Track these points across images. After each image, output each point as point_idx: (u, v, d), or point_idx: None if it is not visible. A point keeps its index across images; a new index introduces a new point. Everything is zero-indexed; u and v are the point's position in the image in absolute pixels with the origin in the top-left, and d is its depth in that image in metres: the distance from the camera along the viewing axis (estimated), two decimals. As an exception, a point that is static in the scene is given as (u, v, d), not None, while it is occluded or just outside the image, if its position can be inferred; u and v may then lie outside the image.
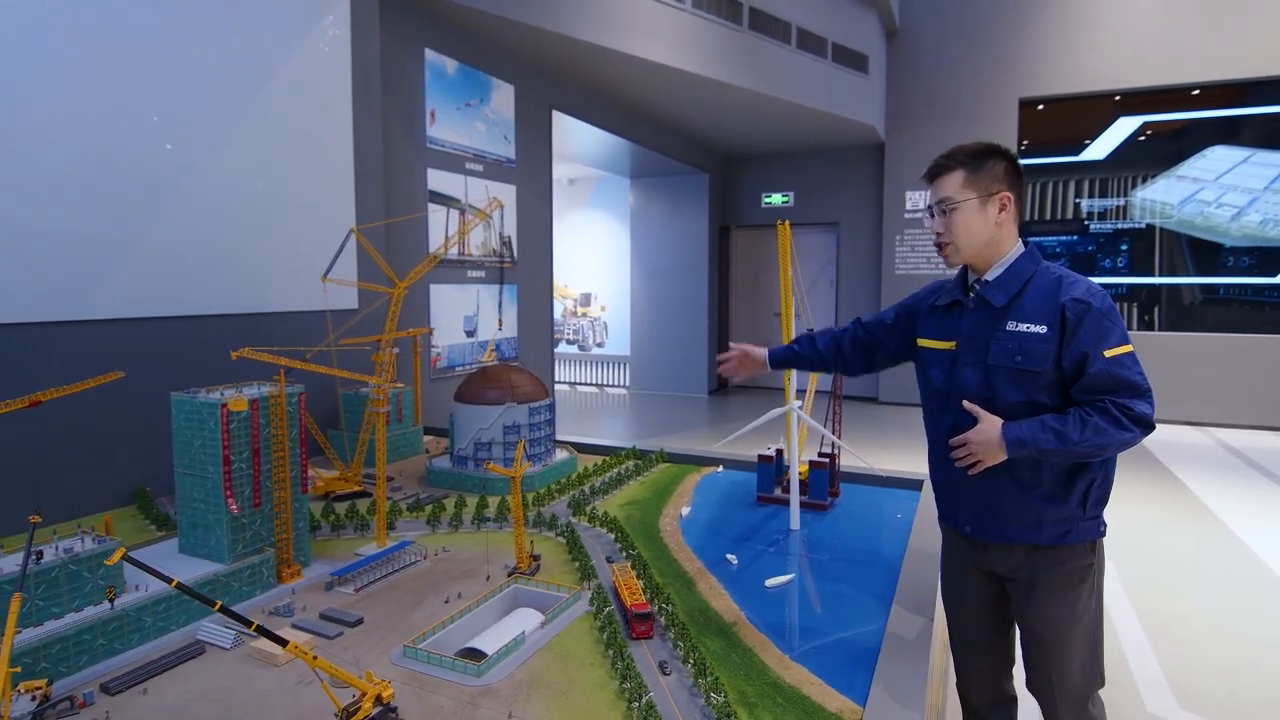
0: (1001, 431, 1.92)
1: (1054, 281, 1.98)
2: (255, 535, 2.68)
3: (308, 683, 2.06)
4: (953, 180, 2.07)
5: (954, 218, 2.06)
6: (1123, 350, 1.88)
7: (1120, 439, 1.84)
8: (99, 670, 2.14)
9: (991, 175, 2.04)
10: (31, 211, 3.33)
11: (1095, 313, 1.89)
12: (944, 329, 2.17)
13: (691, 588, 2.64)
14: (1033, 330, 1.95)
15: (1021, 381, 1.96)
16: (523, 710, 1.89)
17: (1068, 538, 1.99)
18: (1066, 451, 1.85)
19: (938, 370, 2.17)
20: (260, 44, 4.32)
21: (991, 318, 2.04)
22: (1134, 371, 1.87)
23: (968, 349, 2.08)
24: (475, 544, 3.14)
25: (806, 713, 1.86)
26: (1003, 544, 2.06)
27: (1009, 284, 2.03)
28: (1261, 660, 3.74)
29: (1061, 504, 1.99)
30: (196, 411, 2.61)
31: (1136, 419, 1.84)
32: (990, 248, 2.07)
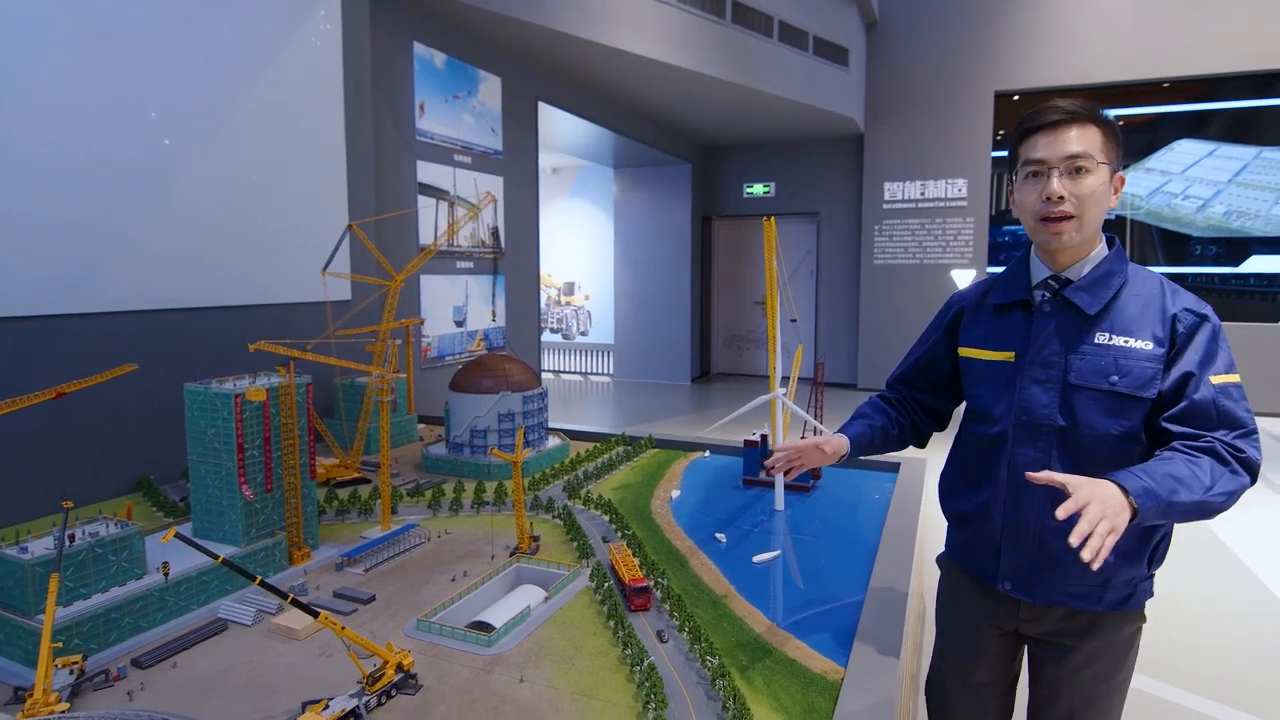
0: (1122, 484, 1.43)
1: (1158, 288, 1.67)
2: (267, 519, 2.80)
3: (329, 654, 2.20)
4: (1091, 135, 1.62)
5: (1089, 182, 1.61)
6: (1231, 380, 1.57)
7: (1240, 488, 1.49)
8: (127, 646, 2.26)
9: (1119, 145, 1.68)
10: (34, 207, 3.40)
11: (1209, 329, 1.59)
12: (999, 335, 1.79)
13: (684, 564, 2.81)
14: (1135, 346, 1.60)
15: (1117, 409, 1.61)
16: (533, 674, 2.05)
17: (1129, 603, 1.72)
18: (1199, 506, 1.46)
19: (989, 388, 1.79)
20: (254, 39, 4.38)
21: (1076, 326, 1.67)
22: (1241, 407, 1.56)
23: (1038, 362, 1.70)
24: (476, 527, 3.28)
25: (793, 673, 2.04)
26: (1051, 607, 1.76)
27: (1101, 287, 1.67)
28: (1216, 631, 3.99)
29: (1133, 562, 1.69)
30: (210, 402, 2.72)
31: (1248, 464, 1.51)
32: (1094, 237, 1.70)
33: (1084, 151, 1.60)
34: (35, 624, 2.14)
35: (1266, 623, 4.11)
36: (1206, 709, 3.31)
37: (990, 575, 1.81)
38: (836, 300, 12.30)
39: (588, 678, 2.04)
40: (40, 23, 3.39)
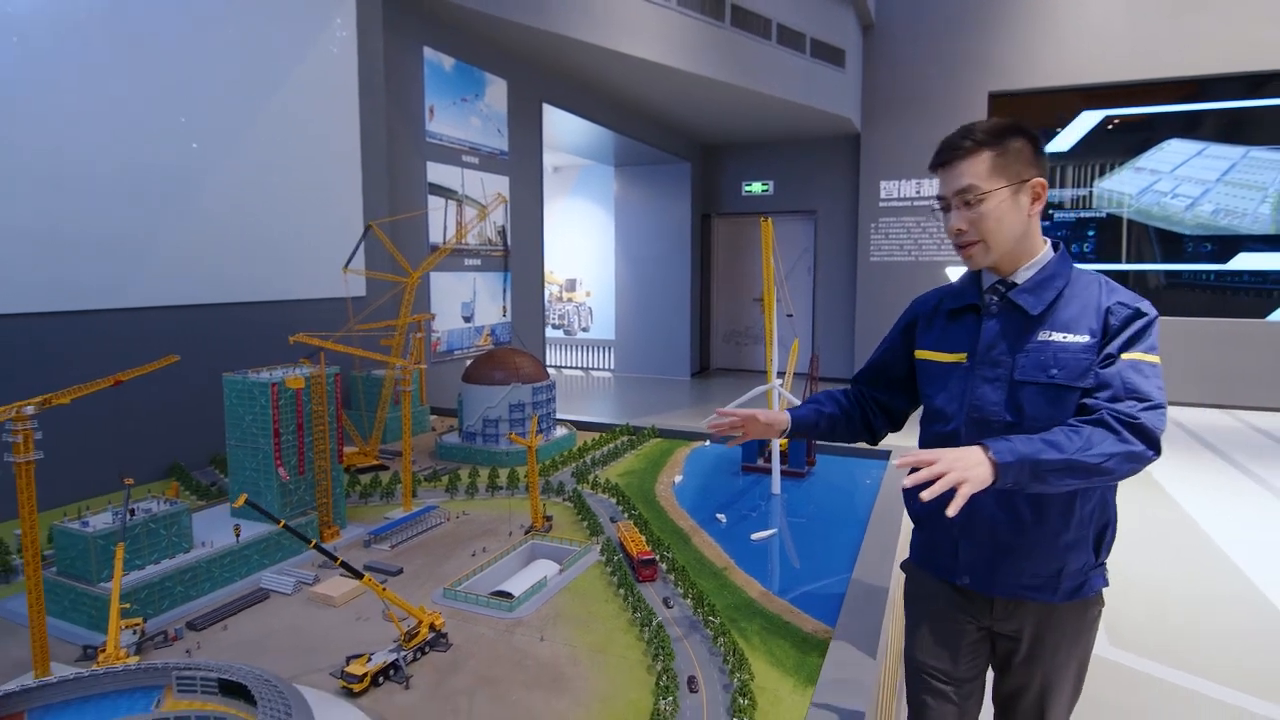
0: (987, 444, 1.56)
1: (1096, 287, 1.76)
2: (300, 500, 3.02)
3: (365, 619, 2.41)
4: (977, 164, 1.73)
5: (983, 210, 1.73)
6: (1147, 358, 1.64)
7: (1124, 450, 1.55)
8: (179, 613, 2.48)
9: (1020, 157, 1.74)
10: (72, 209, 3.61)
11: (1142, 320, 1.68)
12: (951, 338, 1.88)
13: (687, 541, 3.03)
14: (1072, 340, 1.70)
15: (1057, 399, 1.70)
16: (551, 635, 2.27)
17: (1083, 591, 1.80)
18: (1068, 465, 1.53)
19: (942, 388, 1.87)
20: (276, 47, 4.59)
21: (1021, 327, 1.77)
22: (1151, 382, 1.62)
23: (986, 362, 1.79)
24: (490, 509, 3.50)
25: (787, 633, 2.26)
26: (1009, 599, 1.83)
27: (1045, 288, 1.76)
28: (1186, 609, 4.22)
29: (1081, 550, 1.78)
30: (248, 390, 2.93)
31: (1140, 430, 1.56)
32: (1023, 245, 1.78)
33: (970, 184, 1.72)
34: (98, 590, 2.36)
35: (1241, 605, 4.33)
36: (1188, 683, 3.53)
37: (950, 571, 1.88)
38: (833, 297, 12.51)
39: (601, 637, 2.26)
40: (77, 35, 3.60)
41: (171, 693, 1.88)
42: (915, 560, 1.99)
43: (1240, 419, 9.50)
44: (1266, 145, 9.74)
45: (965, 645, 1.93)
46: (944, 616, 1.95)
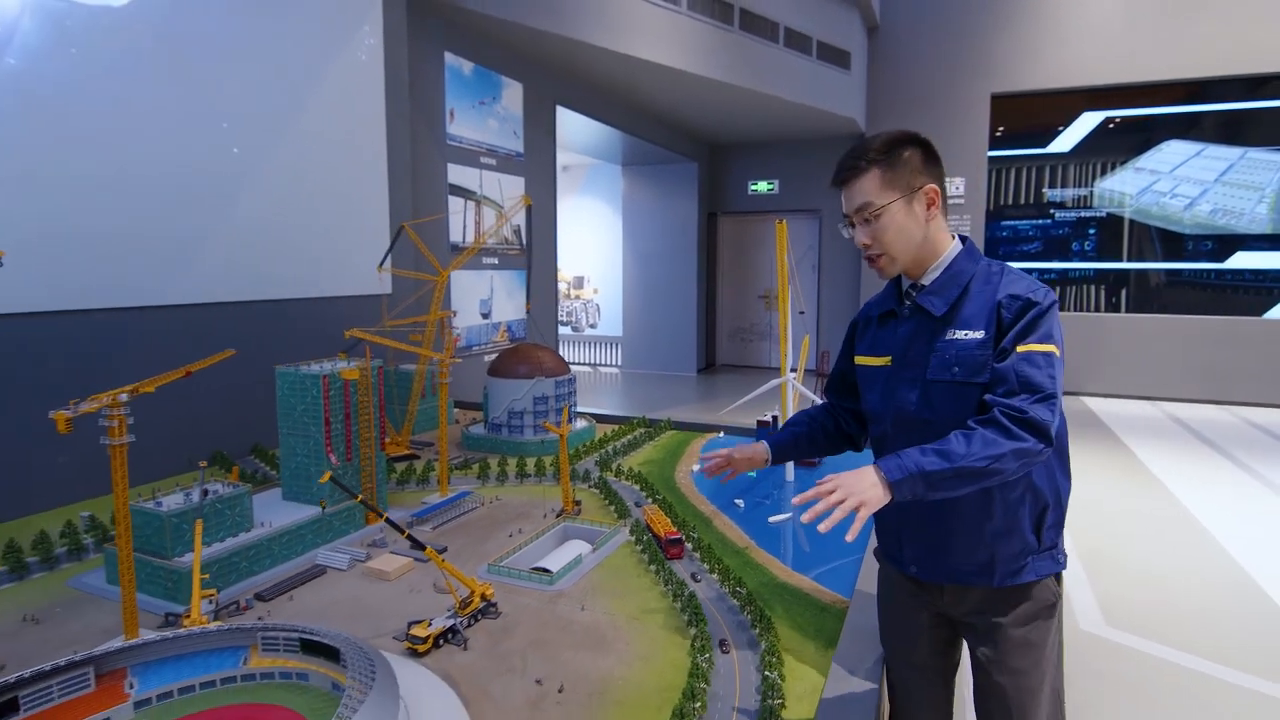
0: (879, 465, 1.63)
1: (996, 281, 1.77)
2: (348, 483, 3.22)
3: (416, 591, 2.62)
4: (869, 182, 1.79)
5: (880, 224, 1.79)
6: (1040, 348, 1.67)
7: (1011, 449, 1.58)
8: (243, 586, 2.69)
9: (910, 168, 1.79)
10: (127, 211, 3.81)
11: (1035, 310, 1.69)
12: (879, 343, 1.94)
13: (709, 524, 3.24)
14: (970, 337, 1.74)
15: (961, 396, 1.74)
16: (591, 605, 2.48)
17: (1024, 575, 1.80)
18: (958, 471, 1.58)
19: (872, 390, 1.94)
20: (309, 55, 4.79)
21: (930, 328, 1.81)
22: (1043, 373, 1.65)
23: (904, 364, 1.84)
24: (520, 494, 3.71)
25: (807, 603, 2.46)
26: (955, 586, 1.87)
27: (948, 289, 1.80)
28: (1178, 590, 4.42)
29: (1012, 537, 1.79)
30: (300, 381, 3.14)
31: (1028, 423, 1.60)
32: (925, 249, 1.83)
33: (865, 202, 1.78)
34: (174, 564, 2.57)
35: (1231, 589, 4.52)
36: (1180, 659, 3.73)
37: (900, 561, 1.93)
38: (837, 294, 12.70)
39: (637, 607, 2.47)
40: (130, 48, 3.80)
41: (257, 651, 2.09)
42: (879, 550, 2.06)
43: (1237, 414, 9.69)
44: (1264, 146, 9.91)
45: (922, 630, 1.96)
46: (902, 604, 2.00)
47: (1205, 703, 3.37)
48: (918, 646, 1.97)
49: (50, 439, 3.50)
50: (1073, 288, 11.11)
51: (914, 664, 1.99)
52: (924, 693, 1.99)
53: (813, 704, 1.87)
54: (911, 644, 1.99)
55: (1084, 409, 10.13)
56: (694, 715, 1.82)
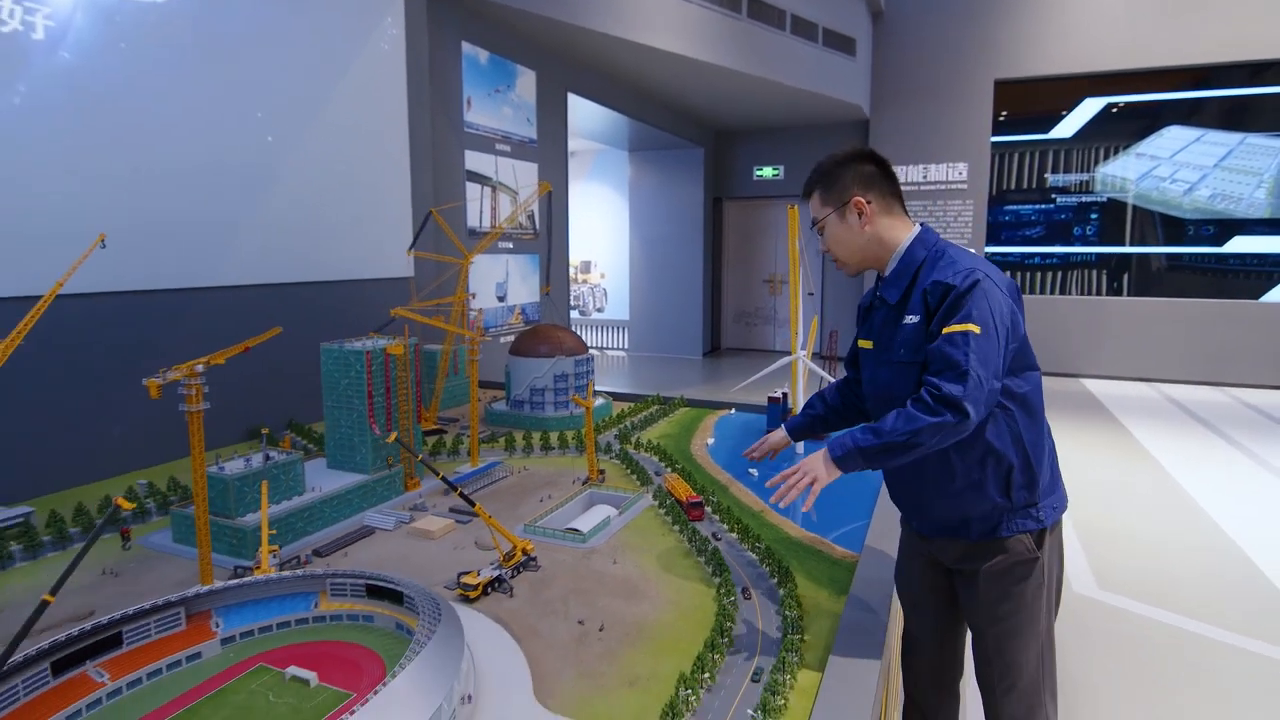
0: (826, 445, 1.90)
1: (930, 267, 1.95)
2: (387, 454, 3.45)
3: (460, 548, 2.85)
4: (814, 201, 2.11)
5: (826, 235, 2.09)
6: (961, 328, 1.80)
7: (928, 424, 1.75)
8: (299, 544, 2.91)
9: (840, 185, 2.04)
10: (170, 197, 4.01)
11: (952, 293, 1.84)
12: (870, 328, 2.18)
13: (725, 490, 3.46)
14: (912, 321, 1.95)
15: (907, 375, 1.95)
16: (622, 559, 2.70)
17: (1000, 531, 1.96)
18: (884, 446, 1.80)
19: (866, 370, 2.20)
20: (336, 46, 4.96)
21: (893, 314, 2.03)
22: (960, 351, 1.78)
23: (880, 347, 2.09)
24: (545, 465, 3.93)
25: (820, 558, 2.69)
26: (941, 538, 2.09)
27: (901, 278, 2.01)
28: (1167, 556, 4.65)
29: (980, 497, 1.95)
30: (344, 358, 3.35)
31: (942, 399, 1.75)
32: (874, 248, 2.05)
33: (813, 218, 2.12)
34: (237, 524, 2.80)
35: (1216, 555, 4.75)
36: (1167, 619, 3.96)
37: (905, 516, 2.25)
38: (842, 277, 12.89)
39: (664, 561, 2.70)
40: (175, 45, 3.98)
41: (326, 596, 2.32)
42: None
43: (1232, 395, 9.90)
44: (1263, 132, 10.06)
45: (919, 574, 2.24)
46: (906, 550, 2.32)
47: (1189, 657, 3.61)
48: (917, 587, 2.27)
49: (106, 412, 3.73)
50: (1074, 272, 11.30)
51: (914, 602, 2.31)
52: (925, 625, 2.29)
53: (829, 639, 2.10)
54: (912, 585, 2.29)
55: (1083, 390, 10.35)
56: (723, 648, 2.05)
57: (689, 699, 1.79)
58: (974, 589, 2.03)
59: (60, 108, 3.52)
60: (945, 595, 2.20)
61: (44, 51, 3.45)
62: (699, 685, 1.85)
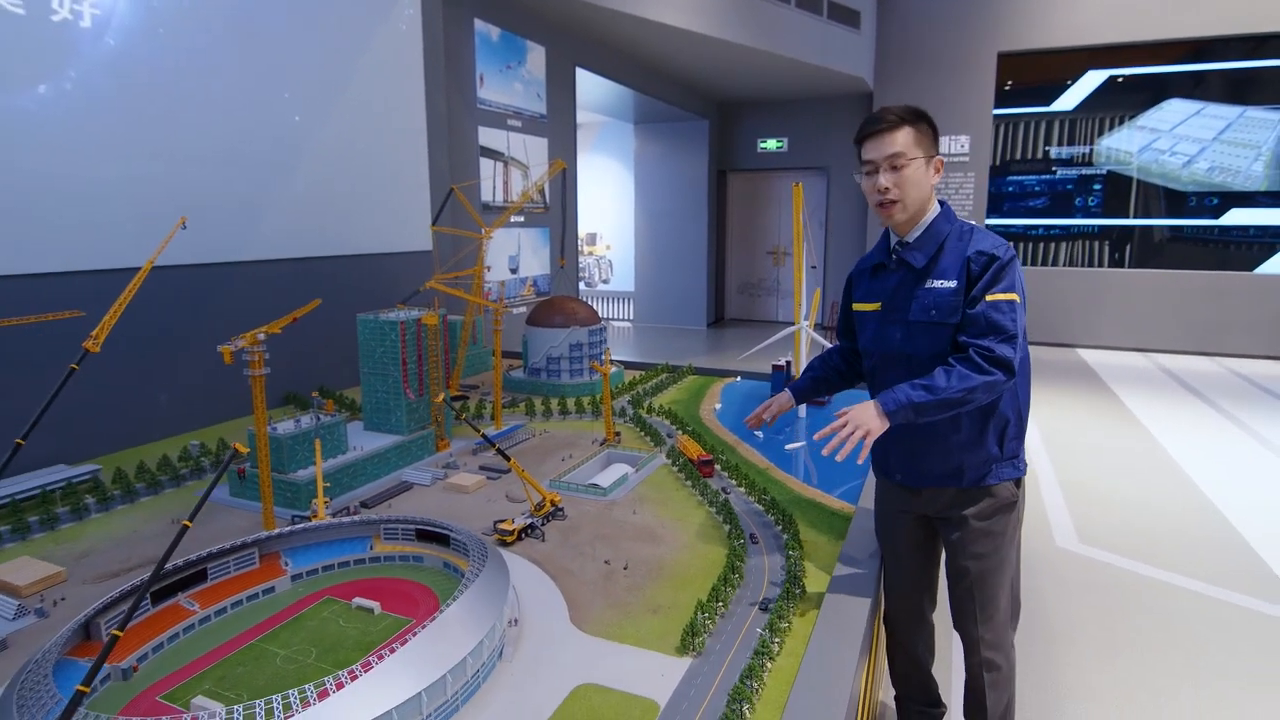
0: (877, 400, 2.01)
1: (965, 238, 2.11)
2: (420, 416, 3.72)
3: (492, 501, 3.13)
4: (902, 136, 2.08)
5: (904, 175, 2.09)
6: (1005, 297, 1.99)
7: (982, 382, 1.94)
8: (346, 498, 3.19)
9: (928, 137, 2.12)
10: (206, 176, 4.23)
11: (996, 263, 2.02)
12: (872, 291, 2.29)
13: (733, 450, 3.73)
14: (945, 285, 2.08)
15: (936, 334, 2.08)
16: (641, 510, 2.98)
17: (988, 479, 2.17)
18: (940, 402, 1.96)
19: (866, 331, 2.31)
20: (356, 27, 5.14)
21: (913, 278, 2.15)
22: (1007, 317, 1.98)
23: (891, 308, 2.19)
24: (564, 428, 4.20)
25: (819, 509, 2.96)
26: (932, 488, 2.25)
27: (927, 245, 2.14)
28: (1146, 513, 4.94)
29: (979, 448, 2.15)
30: (379, 328, 3.61)
31: (995, 360, 1.95)
32: (923, 209, 2.16)
33: (898, 152, 2.08)
34: (290, 478, 3.07)
35: (1194, 512, 5.04)
36: (1144, 571, 4.25)
37: (887, 471, 2.36)
38: (844, 249, 13.07)
39: (679, 511, 2.97)
40: (206, 30, 4.17)
41: (380, 538, 2.60)
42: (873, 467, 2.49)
43: (1224, 365, 10.14)
44: (1263, 105, 10.16)
45: (903, 529, 2.39)
46: (888, 506, 2.45)
47: (1164, 605, 3.90)
48: (900, 540, 2.42)
49: (153, 379, 4.00)
50: (1076, 243, 11.47)
51: (897, 554, 2.45)
52: (906, 574, 2.46)
53: (827, 577, 2.38)
54: (896, 538, 2.44)
55: (1078, 360, 10.59)
56: (735, 583, 2.33)
57: (705, 623, 2.07)
58: (961, 533, 2.22)
59: (105, 93, 3.73)
60: (926, 548, 2.41)
61: (91, 39, 3.65)
62: (714, 611, 2.13)
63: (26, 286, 3.48)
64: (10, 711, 1.61)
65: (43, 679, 1.70)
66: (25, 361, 3.44)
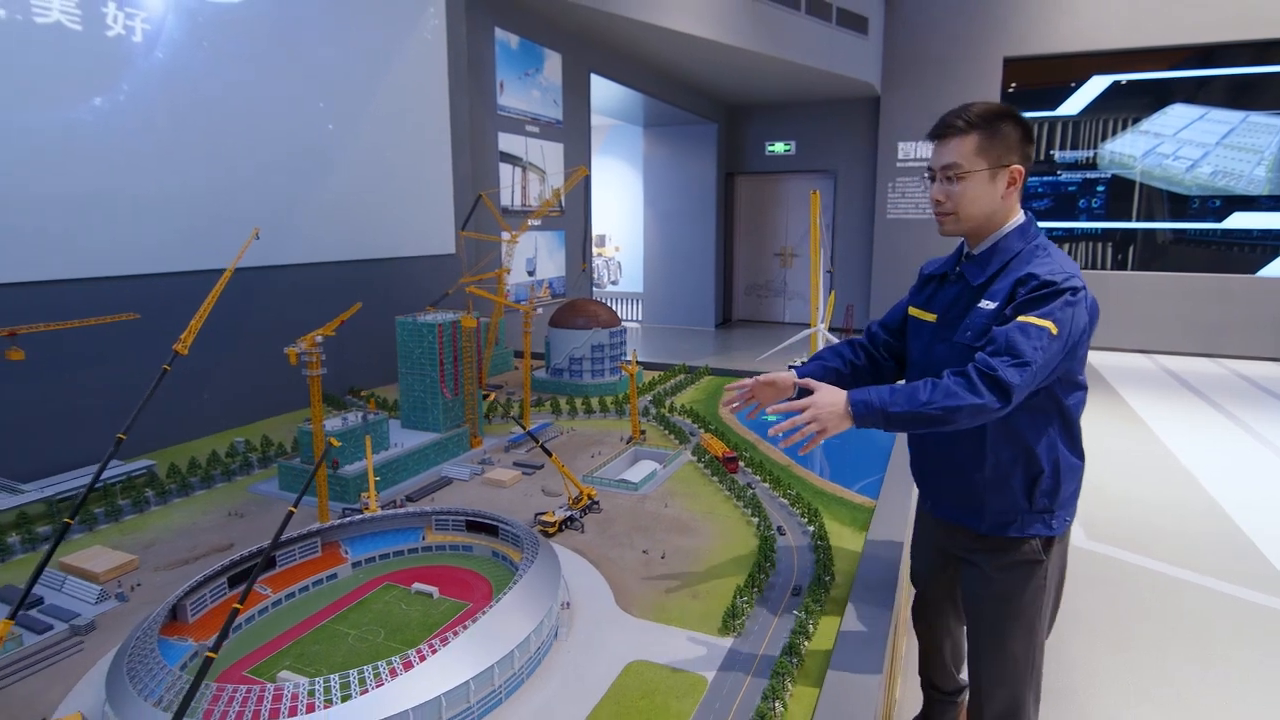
0: (847, 395, 1.81)
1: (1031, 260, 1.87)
2: (455, 414, 3.88)
3: (529, 495, 3.29)
4: (964, 145, 1.89)
5: (960, 187, 1.90)
6: (1039, 322, 1.74)
7: (969, 404, 1.70)
8: (390, 493, 3.36)
9: (1005, 144, 1.88)
10: (249, 183, 4.40)
11: (1047, 288, 1.78)
12: (933, 300, 2.09)
13: (755, 448, 3.89)
14: (989, 307, 1.87)
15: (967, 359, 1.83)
16: (672, 504, 3.14)
17: (1010, 529, 1.95)
18: (915, 415, 1.73)
19: (918, 341, 2.11)
20: (386, 39, 5.30)
21: (969, 294, 1.95)
22: (1031, 343, 1.71)
23: (944, 323, 2.00)
24: (589, 426, 4.36)
25: (843, 503, 3.12)
26: (949, 523, 2.09)
27: (990, 261, 1.93)
28: (1151, 510, 5.10)
29: (1004, 492, 1.93)
30: (418, 329, 3.77)
31: (995, 382, 1.69)
32: (990, 222, 1.94)
33: (954, 162, 1.89)
34: (340, 473, 3.23)
35: (1197, 509, 5.19)
36: (1149, 565, 4.41)
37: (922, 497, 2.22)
38: (851, 252, 13.23)
39: (708, 505, 3.14)
40: (246, 42, 4.34)
41: (431, 529, 2.76)
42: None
43: (1226, 367, 10.30)
44: (1265, 110, 10.31)
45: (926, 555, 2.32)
46: (920, 532, 2.38)
47: (1167, 598, 4.06)
48: (925, 570, 2.37)
49: (197, 379, 4.16)
50: (1080, 246, 11.63)
51: (921, 574, 2.42)
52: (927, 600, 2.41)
53: (854, 564, 2.54)
54: (921, 560, 2.40)
55: (1082, 361, 10.73)
56: (768, 570, 2.49)
57: (744, 606, 2.23)
58: (976, 580, 2.06)
59: (155, 105, 3.90)
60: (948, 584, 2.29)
61: (142, 53, 3.82)
62: (752, 596, 2.30)
63: (82, 291, 3.65)
64: (122, 677, 1.77)
65: (150, 650, 1.86)
66: (82, 360, 3.61)
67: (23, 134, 3.39)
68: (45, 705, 1.90)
